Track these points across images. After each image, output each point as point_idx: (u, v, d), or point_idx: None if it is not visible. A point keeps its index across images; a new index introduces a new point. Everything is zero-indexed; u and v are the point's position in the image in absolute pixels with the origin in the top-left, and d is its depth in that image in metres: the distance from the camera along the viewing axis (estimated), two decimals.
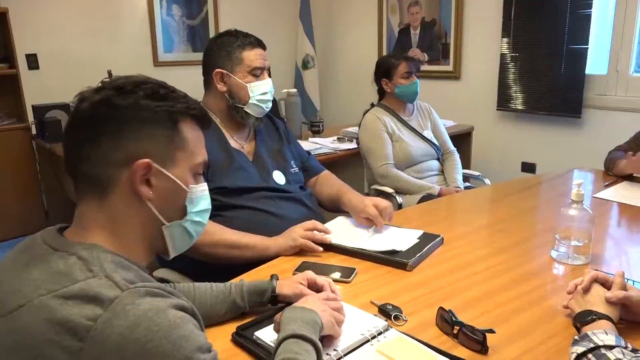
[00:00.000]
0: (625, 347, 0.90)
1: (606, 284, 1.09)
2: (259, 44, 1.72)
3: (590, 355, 0.89)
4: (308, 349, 0.89)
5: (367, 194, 2.09)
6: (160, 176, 0.82)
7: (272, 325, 1.07)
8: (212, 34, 4.16)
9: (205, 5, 4.13)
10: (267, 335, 1.05)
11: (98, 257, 0.75)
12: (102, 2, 3.77)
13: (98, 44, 3.79)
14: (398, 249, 1.45)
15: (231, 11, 4.29)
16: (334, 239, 1.54)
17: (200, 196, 0.89)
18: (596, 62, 3.27)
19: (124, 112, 0.79)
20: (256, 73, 1.69)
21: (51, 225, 0.84)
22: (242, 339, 1.06)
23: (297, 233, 1.51)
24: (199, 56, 1.76)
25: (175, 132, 0.83)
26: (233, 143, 1.73)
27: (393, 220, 1.68)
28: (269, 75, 1.75)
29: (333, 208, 1.87)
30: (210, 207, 0.93)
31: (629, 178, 2.22)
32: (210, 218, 1.50)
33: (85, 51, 3.75)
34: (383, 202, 1.65)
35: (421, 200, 2.35)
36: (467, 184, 2.74)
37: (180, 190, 0.85)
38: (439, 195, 2.38)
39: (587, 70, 3.21)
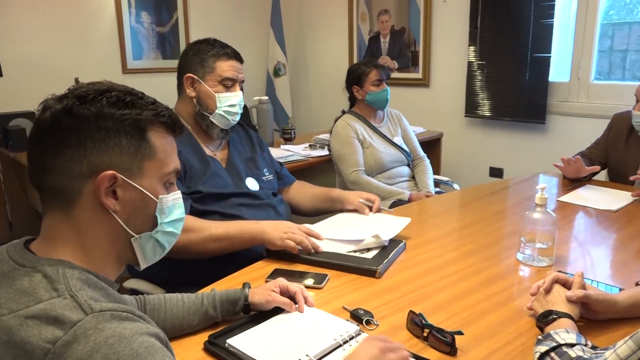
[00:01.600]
0: (586, 345, 0.94)
1: (567, 284, 1.14)
2: (235, 56, 1.72)
3: (553, 354, 0.92)
4: None
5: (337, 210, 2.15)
6: (127, 187, 0.79)
7: (245, 332, 1.07)
8: (182, 41, 4.13)
9: (175, 12, 4.10)
10: (240, 342, 1.05)
11: (64, 275, 0.72)
12: (68, 8, 3.71)
13: (65, 51, 3.72)
14: (382, 236, 1.52)
15: (201, 18, 4.27)
16: (328, 233, 1.60)
17: (173, 205, 0.86)
18: (559, 70, 3.38)
19: (87, 121, 0.76)
20: (227, 84, 1.69)
21: (15, 236, 0.82)
22: (215, 347, 1.06)
23: (287, 233, 1.49)
24: (169, 63, 1.76)
25: (142, 141, 0.80)
26: (207, 151, 1.73)
27: None
28: (242, 89, 1.76)
29: (314, 209, 1.94)
30: (184, 215, 0.90)
31: (590, 181, 2.31)
32: (202, 219, 1.54)
33: (51, 58, 3.68)
34: (373, 196, 1.85)
35: (392, 206, 2.38)
36: (437, 189, 2.79)
37: (150, 201, 0.82)
38: (409, 200, 2.42)
39: (551, 78, 3.32)
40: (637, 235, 1.66)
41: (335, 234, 1.60)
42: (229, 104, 1.69)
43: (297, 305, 1.16)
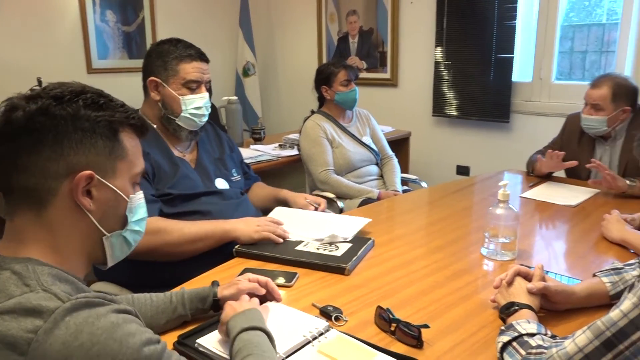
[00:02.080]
0: (545, 334, 0.98)
1: (528, 277, 1.18)
2: (199, 56, 1.68)
3: (514, 343, 0.96)
4: (258, 334, 0.93)
5: None
6: (102, 187, 0.82)
7: (215, 332, 1.07)
8: (149, 41, 4.07)
9: (141, 11, 4.04)
10: (209, 342, 1.05)
11: (34, 271, 0.73)
12: (30, 6, 3.61)
13: (26, 50, 3.62)
14: (338, 234, 1.55)
15: (169, 17, 4.22)
16: (292, 229, 1.63)
17: (139, 205, 0.90)
18: (522, 70, 3.48)
19: (64, 122, 0.77)
20: (191, 86, 1.66)
21: None
22: (184, 347, 1.05)
23: (261, 226, 1.55)
24: (136, 63, 1.74)
25: (115, 142, 0.83)
26: (175, 151, 1.71)
27: None
28: (209, 89, 1.74)
29: (264, 208, 1.97)
30: (147, 215, 0.94)
31: (551, 178, 2.39)
32: (173, 220, 1.53)
33: (12, 57, 3.57)
34: (320, 199, 1.90)
35: (361, 204, 2.41)
36: (405, 187, 2.83)
37: (121, 200, 0.85)
38: (378, 198, 2.45)
39: (514, 78, 3.41)
40: (594, 229, 1.73)
41: (298, 231, 1.63)
42: (194, 107, 1.67)
43: (264, 290, 1.17)
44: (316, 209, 1.86)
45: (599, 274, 1.24)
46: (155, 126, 1.70)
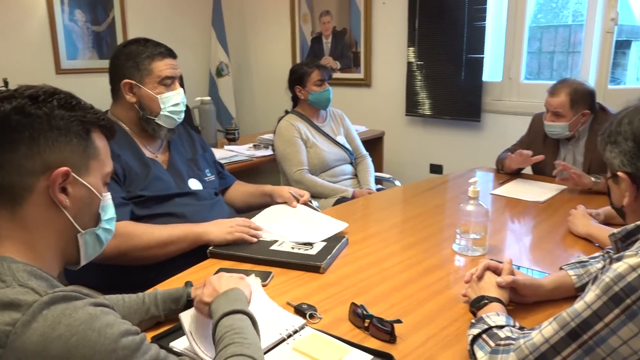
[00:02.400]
0: (514, 326, 1.00)
1: (497, 271, 1.21)
2: (169, 53, 1.68)
3: (484, 336, 0.98)
4: (242, 317, 0.92)
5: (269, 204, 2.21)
6: (77, 184, 0.84)
7: (189, 332, 1.07)
8: (120, 41, 4.00)
9: (111, 10, 3.97)
10: (183, 344, 1.05)
11: (9, 268, 0.75)
12: None
13: None
14: (312, 241, 1.57)
15: (140, 17, 4.16)
16: (264, 225, 1.66)
17: (108, 204, 0.93)
18: (492, 70, 3.54)
19: (40, 120, 0.80)
20: (166, 83, 1.66)
21: None
22: None
23: (233, 227, 1.55)
24: (107, 63, 1.71)
25: (88, 141, 0.86)
26: (147, 153, 1.70)
27: None
28: (181, 85, 1.74)
29: (246, 205, 1.99)
30: (115, 215, 0.96)
31: (520, 176, 2.44)
32: (143, 224, 1.51)
33: None
34: (302, 191, 1.92)
35: (336, 203, 2.43)
36: (379, 186, 2.86)
37: (95, 198, 0.88)
38: (353, 197, 2.47)
39: (485, 78, 3.47)
40: (561, 224, 1.78)
41: (277, 230, 1.65)
42: (172, 104, 1.67)
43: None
44: (298, 200, 1.87)
45: (565, 267, 1.28)
46: (127, 128, 1.68)
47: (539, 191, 2.16)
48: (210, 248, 1.53)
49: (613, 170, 0.99)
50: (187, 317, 1.03)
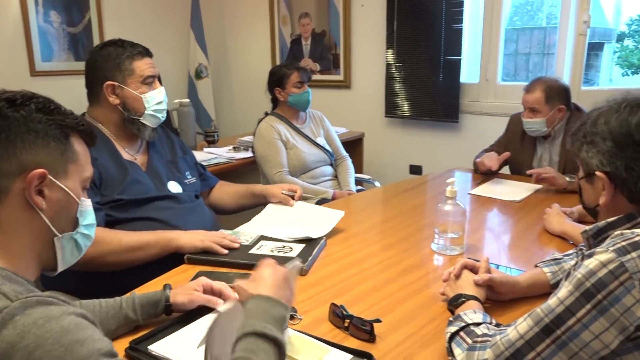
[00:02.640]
0: (490, 323, 1.02)
1: (474, 270, 1.23)
2: (147, 52, 1.70)
3: (462, 333, 0.99)
4: (266, 349, 0.82)
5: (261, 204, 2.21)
6: (53, 187, 0.84)
7: (169, 337, 1.06)
8: (96, 42, 3.94)
9: (87, 12, 3.91)
10: (162, 347, 1.04)
11: None
12: None
13: None
14: (316, 236, 1.61)
15: (116, 18, 4.11)
16: (260, 229, 1.68)
17: (88, 210, 0.92)
18: (470, 72, 3.59)
19: (17, 123, 0.80)
20: (149, 82, 1.67)
21: None
22: (137, 353, 1.04)
23: (206, 236, 1.53)
24: (83, 65, 1.69)
25: (67, 145, 0.86)
26: (125, 155, 1.68)
27: None
28: (160, 83, 1.74)
29: (238, 206, 2.00)
30: (95, 222, 0.95)
31: (497, 175, 2.48)
32: (112, 230, 1.49)
33: None
34: (294, 186, 1.95)
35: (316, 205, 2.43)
36: (359, 187, 2.88)
37: (73, 202, 0.88)
38: (333, 198, 2.48)
39: (462, 79, 3.51)
40: (536, 223, 1.81)
41: (274, 232, 1.66)
42: (156, 102, 1.68)
43: (221, 301, 1.16)
44: (293, 197, 1.90)
45: (540, 264, 1.30)
46: (107, 130, 1.67)
47: (515, 191, 2.20)
48: (188, 254, 1.50)
49: (590, 170, 0.99)
50: (160, 347, 1.02)
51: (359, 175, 2.99)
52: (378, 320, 1.09)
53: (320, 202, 2.46)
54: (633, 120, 0.93)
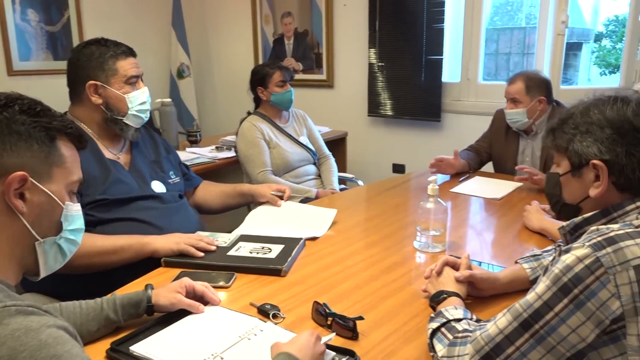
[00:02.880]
0: (471, 319, 1.03)
1: (456, 266, 1.24)
2: (130, 52, 1.68)
3: (443, 329, 1.00)
4: None
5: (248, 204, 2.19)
6: (35, 190, 0.82)
7: (151, 337, 1.05)
8: (75, 42, 3.89)
9: (66, 10, 3.85)
10: (144, 348, 1.03)
11: None
12: None
13: None
14: (315, 235, 1.65)
15: (96, 17, 4.05)
16: (255, 230, 1.69)
17: (76, 215, 0.90)
18: (451, 71, 3.62)
19: None
20: (132, 82, 1.66)
21: None
22: (118, 354, 1.03)
23: (182, 238, 1.51)
24: (62, 65, 1.67)
25: (52, 148, 0.84)
26: (108, 154, 1.67)
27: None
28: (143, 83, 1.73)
29: (223, 206, 1.99)
30: (83, 227, 0.94)
31: (479, 173, 2.51)
32: (86, 232, 1.47)
33: None
34: (282, 186, 1.94)
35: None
36: (343, 186, 2.89)
37: (56, 205, 0.86)
38: (316, 197, 2.48)
39: (444, 79, 3.54)
40: (517, 220, 1.83)
41: (269, 232, 1.66)
42: (139, 102, 1.67)
43: (204, 307, 1.16)
44: (281, 198, 1.91)
45: (520, 260, 1.32)
46: (89, 129, 1.65)
47: (497, 188, 2.23)
48: (165, 257, 1.48)
49: (583, 161, 0.97)
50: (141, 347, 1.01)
51: (342, 174, 3.00)
52: (361, 318, 1.10)
53: (304, 201, 2.46)
54: (628, 110, 0.94)
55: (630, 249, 0.83)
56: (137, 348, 1.03)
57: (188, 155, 2.91)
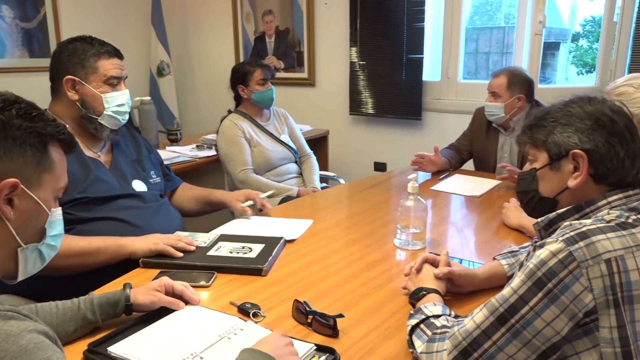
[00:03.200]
0: (450, 315, 1.05)
1: (435, 263, 1.25)
2: (116, 53, 1.66)
3: (422, 325, 1.01)
4: None
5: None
6: (24, 197, 0.81)
7: (129, 338, 1.04)
8: (52, 39, 3.82)
9: (42, 6, 3.78)
10: (122, 349, 1.02)
11: None
12: None
13: None
14: (288, 237, 1.63)
15: (73, 14, 3.99)
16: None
17: (57, 220, 0.90)
18: (432, 70, 3.65)
19: None
20: (112, 82, 1.63)
21: None
22: (96, 355, 1.02)
23: (160, 238, 1.50)
24: (38, 62, 1.65)
25: (44, 154, 0.83)
26: (88, 152, 1.64)
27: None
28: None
29: (197, 211, 1.96)
30: (63, 232, 0.93)
31: (459, 171, 2.54)
32: (65, 232, 1.44)
33: None
34: (252, 194, 1.92)
35: (282, 202, 2.43)
36: (324, 184, 2.89)
37: (42, 212, 0.85)
38: (298, 196, 2.48)
39: (424, 77, 3.57)
40: (495, 217, 1.86)
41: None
42: (117, 104, 1.64)
43: (184, 303, 1.16)
44: (261, 210, 1.91)
45: (498, 257, 1.34)
46: (68, 127, 1.62)
47: (476, 186, 2.25)
48: (143, 258, 1.46)
49: (563, 151, 0.98)
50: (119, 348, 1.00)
51: (324, 172, 3.00)
52: (341, 316, 1.10)
53: (285, 199, 2.46)
54: (605, 106, 0.98)
55: (601, 243, 0.85)
56: (115, 349, 1.02)
57: (168, 154, 2.89)
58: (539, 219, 1.02)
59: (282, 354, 0.92)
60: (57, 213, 0.89)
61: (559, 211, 0.99)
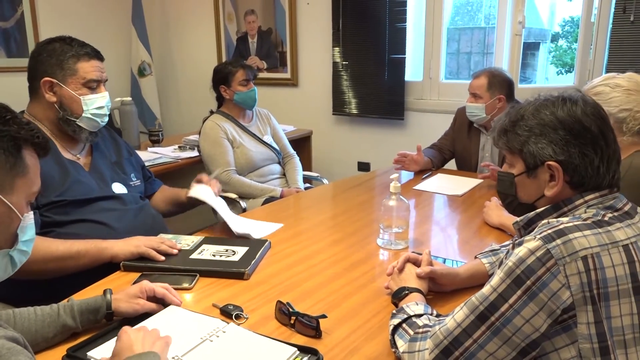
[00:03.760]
0: (431, 314, 1.05)
1: (417, 263, 1.26)
2: (96, 55, 1.63)
3: (404, 325, 1.02)
4: None
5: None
6: None
7: (108, 342, 1.03)
8: (30, 38, 3.76)
9: (19, 5, 3.72)
10: (101, 353, 1.01)
11: None
12: None
13: None
14: (254, 236, 1.64)
15: (52, 13, 3.92)
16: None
17: (29, 225, 0.88)
18: (414, 70, 3.67)
19: None
20: (92, 85, 1.61)
21: None
22: None
23: (141, 241, 1.48)
24: (16, 62, 1.62)
25: (18, 158, 0.81)
26: (67, 154, 1.62)
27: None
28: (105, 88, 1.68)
29: (170, 210, 1.94)
30: (34, 236, 0.92)
31: (442, 171, 2.56)
32: (42, 235, 1.42)
33: None
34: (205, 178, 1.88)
35: (265, 203, 2.43)
36: (308, 185, 2.89)
37: (15, 217, 0.83)
38: (281, 196, 2.48)
39: (407, 77, 3.59)
40: (477, 215, 1.88)
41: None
42: (96, 107, 1.61)
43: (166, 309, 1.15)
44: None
45: (479, 256, 1.35)
46: (46, 129, 1.60)
47: (458, 185, 2.27)
48: (124, 261, 1.44)
49: (538, 162, 0.99)
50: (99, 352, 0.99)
51: (307, 173, 3.00)
52: (324, 316, 1.10)
53: (269, 200, 2.45)
54: (578, 110, 0.97)
55: (578, 240, 0.87)
56: (94, 353, 1.01)
57: (150, 155, 2.86)
58: (518, 219, 1.04)
59: (156, 345, 0.90)
60: (29, 218, 0.87)
61: (538, 210, 1.00)
